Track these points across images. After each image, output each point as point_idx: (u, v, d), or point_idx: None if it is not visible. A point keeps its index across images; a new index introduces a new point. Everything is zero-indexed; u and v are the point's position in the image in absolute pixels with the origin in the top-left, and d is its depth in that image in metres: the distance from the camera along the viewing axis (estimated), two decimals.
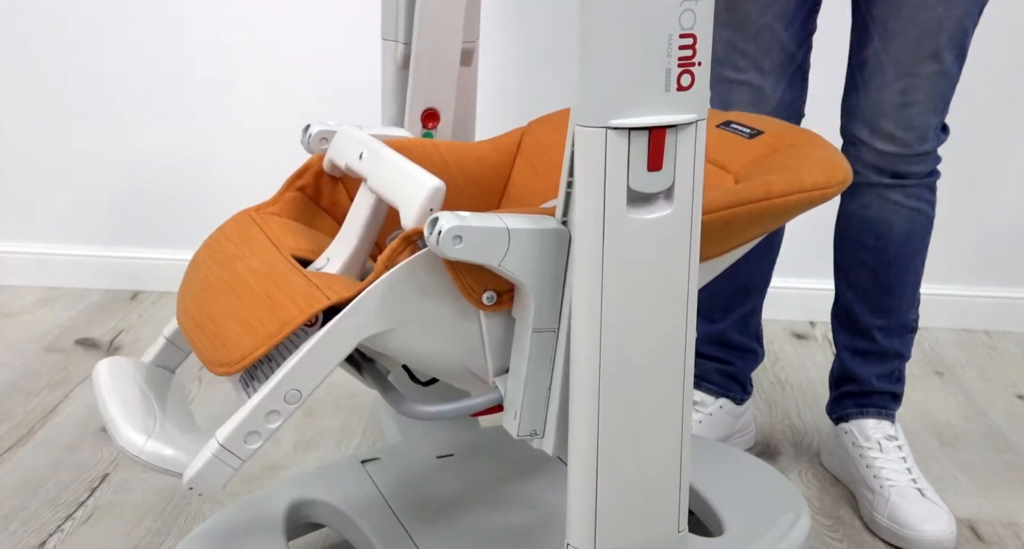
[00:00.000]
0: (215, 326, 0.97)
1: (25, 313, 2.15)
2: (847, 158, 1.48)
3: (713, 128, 1.21)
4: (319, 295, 0.92)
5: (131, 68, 2.16)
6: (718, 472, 1.35)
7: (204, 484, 0.93)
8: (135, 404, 1.00)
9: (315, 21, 2.12)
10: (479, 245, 0.87)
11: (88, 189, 2.24)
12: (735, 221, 0.99)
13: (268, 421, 0.92)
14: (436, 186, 0.95)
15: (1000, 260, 2.21)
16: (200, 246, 1.09)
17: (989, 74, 2.03)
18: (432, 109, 1.28)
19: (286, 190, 1.15)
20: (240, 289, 0.98)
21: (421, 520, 1.22)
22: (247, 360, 0.92)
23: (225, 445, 0.92)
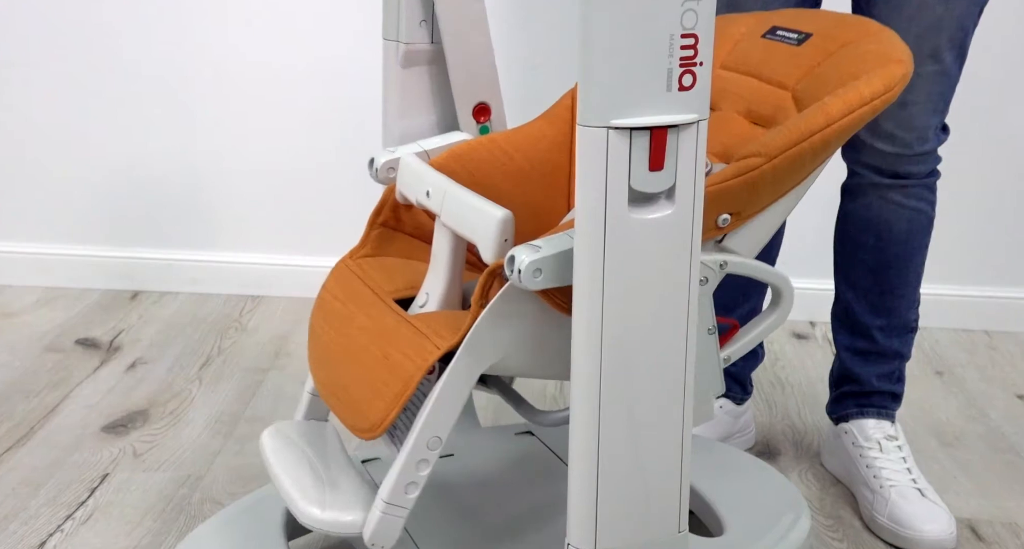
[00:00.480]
0: (348, 395, 1.06)
1: (25, 313, 2.15)
2: (847, 158, 1.48)
3: (760, 39, 1.19)
4: (429, 346, 0.99)
5: (131, 68, 2.16)
6: (718, 472, 1.35)
7: (382, 538, 1.02)
8: (302, 472, 1.10)
9: (315, 20, 2.12)
10: (558, 271, 0.91)
11: (88, 189, 2.24)
12: (802, 156, 0.99)
13: (419, 469, 1.00)
14: (503, 218, 0.99)
15: (1000, 260, 2.21)
16: (313, 308, 1.17)
17: (989, 74, 2.03)
18: (482, 103, 1.29)
19: (371, 229, 1.21)
20: (358, 353, 1.05)
21: (421, 520, 1.22)
22: (385, 424, 1.00)
23: (390, 501, 1.01)
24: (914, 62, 1.35)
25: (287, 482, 1.08)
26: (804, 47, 1.14)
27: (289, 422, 1.20)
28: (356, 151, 2.08)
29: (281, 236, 2.27)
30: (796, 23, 1.17)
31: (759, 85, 1.16)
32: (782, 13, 1.22)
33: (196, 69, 2.16)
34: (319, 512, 1.03)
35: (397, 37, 1.26)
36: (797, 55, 1.14)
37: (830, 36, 1.12)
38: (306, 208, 2.24)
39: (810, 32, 1.14)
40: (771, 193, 1.02)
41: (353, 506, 1.04)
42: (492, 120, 1.31)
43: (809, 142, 0.98)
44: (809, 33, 1.14)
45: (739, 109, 1.17)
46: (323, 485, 1.07)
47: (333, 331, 1.11)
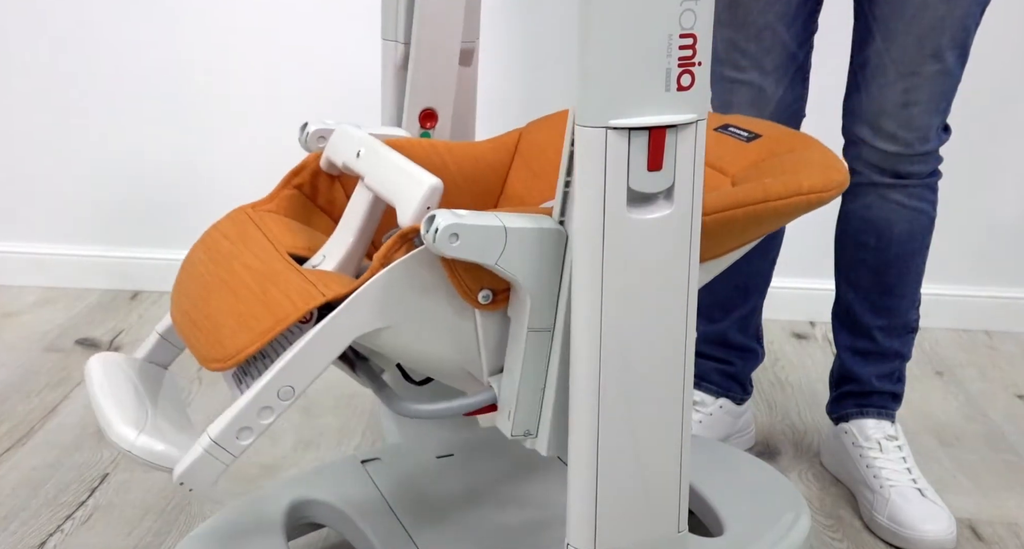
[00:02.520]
0: (210, 322, 0.97)
1: (25, 313, 2.15)
2: (849, 158, 1.48)
3: (712, 131, 1.21)
4: (314, 292, 0.92)
5: (131, 68, 2.16)
6: (718, 472, 1.35)
7: (195, 480, 0.92)
8: (127, 400, 1.00)
9: (315, 20, 2.12)
10: (476, 243, 0.87)
11: (88, 189, 2.24)
12: (733, 223, 0.99)
13: (261, 417, 0.91)
14: (434, 184, 0.95)
15: (1000, 260, 2.21)
16: (195, 243, 1.09)
17: (990, 74, 2.02)
18: (430, 109, 1.28)
19: (283, 188, 1.16)
20: (236, 286, 0.98)
21: (421, 520, 1.22)
22: (241, 355, 0.91)
23: (217, 441, 0.91)
24: (916, 62, 1.37)
25: (108, 402, 0.99)
26: (752, 144, 1.16)
27: (126, 355, 1.11)
28: None
29: None
30: (748, 125, 1.21)
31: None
32: (736, 117, 1.24)
33: (196, 69, 2.16)
34: (133, 435, 0.94)
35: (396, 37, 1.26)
36: (744, 149, 1.16)
37: (778, 140, 1.16)
38: None
39: (760, 134, 1.18)
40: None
41: (174, 440, 0.95)
42: (436, 129, 1.30)
43: (743, 211, 0.99)
44: (759, 134, 1.18)
45: None
46: (147, 414, 0.98)
47: (213, 263, 1.03)
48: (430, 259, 0.92)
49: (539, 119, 1.28)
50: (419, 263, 0.92)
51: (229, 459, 0.92)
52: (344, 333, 0.92)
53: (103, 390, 1.01)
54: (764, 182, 1.01)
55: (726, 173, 1.14)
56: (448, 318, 0.95)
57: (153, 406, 1.01)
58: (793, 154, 1.12)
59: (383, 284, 0.91)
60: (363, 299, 0.91)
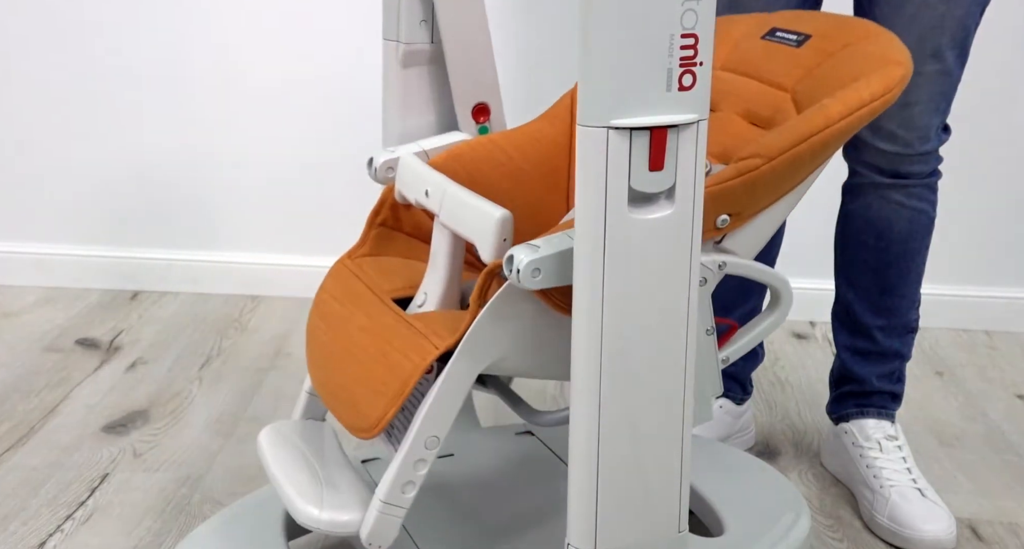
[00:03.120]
0: (346, 393, 1.05)
1: (25, 313, 2.15)
2: (849, 158, 1.48)
3: (759, 40, 1.19)
4: (428, 346, 0.99)
5: (131, 68, 2.16)
6: (718, 472, 1.35)
7: (380, 538, 1.02)
8: (299, 472, 1.10)
9: (315, 21, 2.12)
10: (557, 270, 0.91)
11: (88, 189, 2.24)
12: (801, 157, 0.99)
13: (417, 469, 1.00)
14: (502, 217, 0.99)
15: (1000, 260, 2.21)
16: (311, 309, 1.16)
17: (990, 74, 2.02)
18: (481, 103, 1.29)
19: (369, 228, 1.20)
20: (357, 353, 1.05)
21: (421, 520, 1.22)
22: (383, 423, 0.99)
23: (387, 501, 1.01)
24: (916, 62, 1.36)
25: (285, 481, 1.08)
26: (803, 49, 1.14)
27: (287, 421, 1.20)
28: (356, 151, 2.09)
29: (281, 236, 2.27)
30: (795, 25, 1.17)
31: (758, 86, 1.16)
32: (782, 14, 1.22)
33: (196, 69, 2.16)
34: (317, 512, 1.03)
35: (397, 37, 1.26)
36: (796, 56, 1.14)
37: (829, 37, 1.12)
38: (306, 208, 2.24)
39: (809, 33, 1.15)
40: (770, 194, 1.01)
41: (351, 506, 1.04)
42: (491, 120, 1.31)
43: (808, 144, 0.98)
44: (808, 34, 1.15)
45: (738, 110, 1.17)
46: (320, 484, 1.07)
47: (331, 331, 1.11)
48: (520, 289, 0.94)
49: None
50: (512, 296, 0.96)
51: (401, 513, 1.02)
52: (465, 377, 0.99)
53: (278, 468, 1.11)
54: (823, 105, 1.00)
55: (784, 88, 1.12)
56: (552, 334, 0.99)
57: (322, 468, 1.11)
58: (848, 50, 1.09)
59: (486, 323, 0.97)
60: (472, 343, 0.97)
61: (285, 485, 1.08)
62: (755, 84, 1.16)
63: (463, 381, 0.99)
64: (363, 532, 1.01)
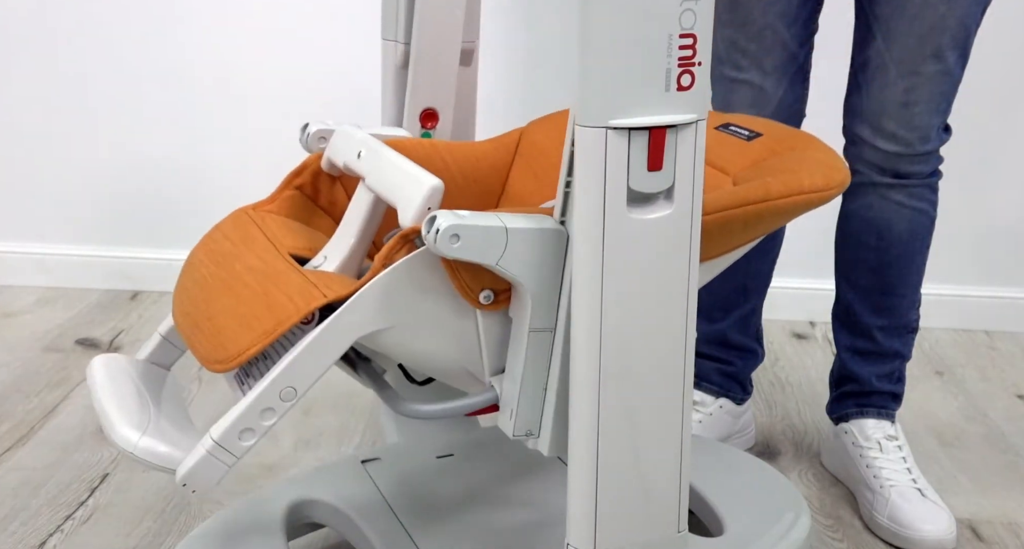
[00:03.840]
0: (212, 324, 0.97)
1: (25, 313, 2.15)
2: (850, 158, 1.48)
3: (712, 130, 1.21)
4: (316, 293, 0.92)
5: (131, 68, 2.16)
6: (718, 472, 1.35)
7: (198, 481, 0.92)
8: (130, 401, 1.00)
9: (314, 21, 2.12)
10: (477, 244, 0.88)
11: (88, 189, 2.24)
12: (733, 222, 0.99)
13: (263, 418, 0.92)
14: (435, 185, 0.95)
15: (1000, 260, 2.21)
16: (197, 244, 1.09)
17: (990, 74, 2.02)
18: (431, 109, 1.28)
19: (284, 188, 1.16)
20: (237, 287, 0.98)
21: (421, 520, 1.22)
22: (243, 356, 0.92)
23: (219, 442, 0.92)
24: (917, 62, 1.37)
25: (109, 402, 0.99)
26: (753, 143, 1.17)
27: (128, 356, 1.11)
28: None
29: None
30: (750, 124, 1.21)
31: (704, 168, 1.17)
32: (737, 115, 1.25)
33: (196, 69, 2.16)
34: (136, 436, 0.94)
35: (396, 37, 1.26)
36: (745, 148, 1.16)
37: (779, 139, 1.16)
38: None
39: (761, 132, 1.18)
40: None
41: (177, 441, 0.95)
42: (437, 130, 1.30)
43: (743, 210, 0.99)
44: (760, 133, 1.18)
45: None
46: (149, 416, 0.99)
47: (214, 265, 1.04)
48: (431, 260, 0.92)
49: (540, 118, 1.28)
50: (420, 264, 0.92)
51: (231, 460, 0.92)
52: (345, 334, 0.92)
53: (105, 391, 1.01)
54: (765, 181, 1.01)
55: (727, 172, 1.14)
56: (449, 318, 0.95)
57: (156, 407, 1.01)
58: (794, 152, 1.13)
59: (384, 285, 0.92)
60: (364, 300, 0.92)
61: (108, 405, 0.98)
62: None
63: (341, 338, 0.92)
64: (181, 469, 0.92)
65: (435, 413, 0.99)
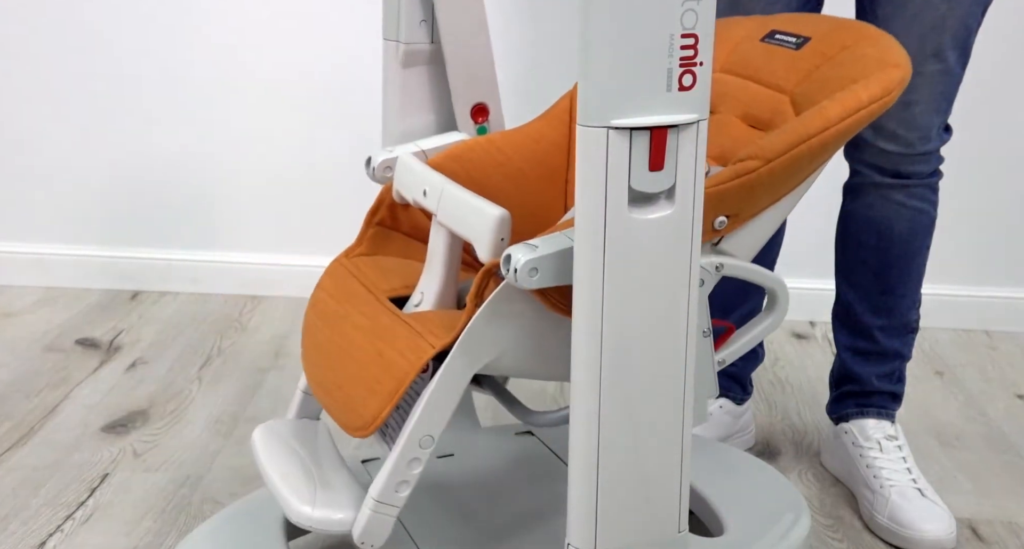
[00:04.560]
0: (341, 393, 1.05)
1: (25, 313, 2.15)
2: (849, 158, 1.48)
3: (759, 43, 1.19)
4: (424, 345, 0.98)
5: (131, 68, 2.16)
6: (718, 472, 1.35)
7: (372, 537, 1.02)
8: (293, 471, 1.10)
9: (315, 20, 2.12)
10: (554, 270, 0.91)
11: (88, 189, 2.24)
12: (800, 159, 0.99)
13: (411, 468, 1.00)
14: (500, 217, 0.99)
15: (1000, 260, 2.21)
16: (307, 306, 1.16)
17: (991, 74, 2.02)
18: (480, 104, 1.29)
19: (367, 228, 1.20)
20: (353, 351, 1.05)
21: (421, 520, 1.22)
22: (378, 421, 0.99)
23: (380, 500, 1.00)
24: (917, 62, 1.37)
25: (278, 480, 1.08)
26: (803, 51, 1.14)
27: (281, 420, 1.20)
28: (356, 151, 2.08)
29: (281, 236, 2.27)
30: (795, 27, 1.18)
31: (757, 89, 1.16)
32: (781, 17, 1.22)
33: (196, 69, 2.16)
34: (310, 510, 1.03)
35: (397, 37, 1.26)
36: (796, 59, 1.14)
37: (828, 40, 1.12)
38: (306, 208, 2.24)
39: (809, 36, 1.15)
40: (768, 196, 1.01)
41: (344, 504, 1.04)
42: (490, 121, 1.31)
43: (807, 145, 0.98)
44: (808, 37, 1.15)
45: (737, 112, 1.17)
46: (314, 483, 1.07)
47: (328, 329, 1.11)
48: (517, 289, 0.94)
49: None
50: (508, 295, 0.96)
51: (395, 512, 1.01)
52: (461, 376, 0.98)
53: (273, 467, 1.11)
54: (822, 106, 1.00)
55: (783, 90, 1.12)
56: (548, 332, 0.99)
57: (317, 468, 1.10)
58: (847, 53, 1.09)
59: (483, 322, 0.97)
60: (468, 342, 0.97)
61: (279, 483, 1.08)
62: (754, 86, 1.16)
63: (459, 380, 0.98)
64: (356, 531, 1.01)
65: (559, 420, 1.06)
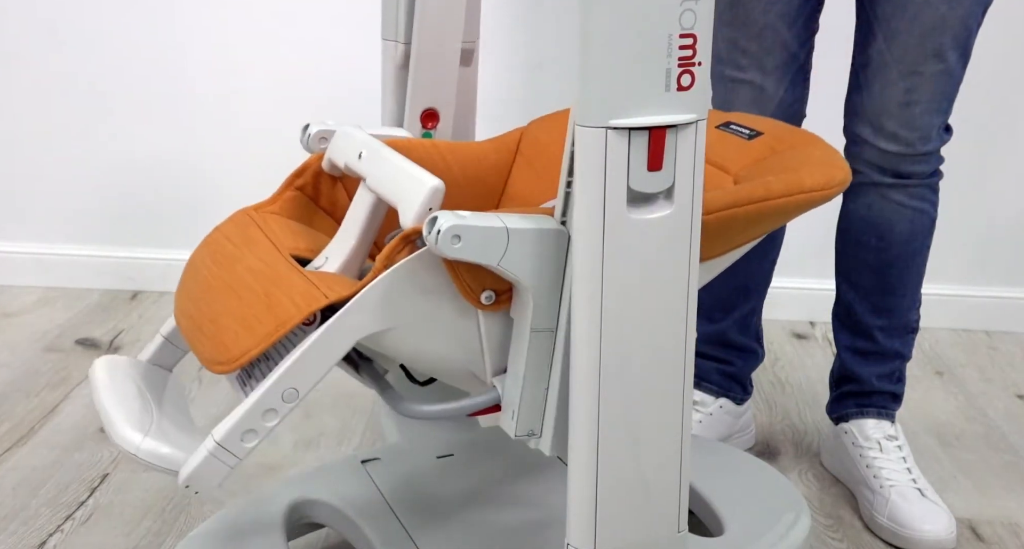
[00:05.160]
0: (214, 326, 0.98)
1: (25, 313, 2.15)
2: (850, 158, 1.48)
3: (713, 129, 1.21)
4: (317, 294, 0.92)
5: (131, 69, 2.16)
6: (718, 472, 1.35)
7: (200, 482, 0.93)
8: (132, 402, 1.00)
9: (314, 21, 2.12)
10: (478, 244, 0.87)
11: (88, 189, 2.24)
12: (734, 222, 0.99)
13: (265, 419, 0.92)
14: (435, 185, 0.95)
15: (1000, 260, 2.21)
16: (198, 245, 1.09)
17: (991, 74, 2.02)
18: (432, 109, 1.28)
19: (285, 189, 1.16)
20: (239, 289, 0.98)
21: (421, 520, 1.22)
22: (245, 358, 0.92)
23: (222, 443, 0.92)
24: (917, 62, 1.37)
25: (112, 404, 0.99)
26: (753, 142, 1.17)
27: (130, 358, 1.11)
28: None
29: None
30: (750, 123, 1.21)
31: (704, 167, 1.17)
32: (738, 115, 1.25)
33: (196, 69, 2.16)
34: (139, 438, 0.94)
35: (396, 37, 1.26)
36: (746, 147, 1.16)
37: (779, 138, 1.16)
38: None
39: (761, 131, 1.18)
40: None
41: (179, 443, 0.95)
42: (438, 130, 1.30)
43: (744, 209, 0.99)
44: (760, 132, 1.18)
45: None
46: (152, 417, 0.99)
47: (216, 266, 1.04)
48: (433, 260, 0.92)
49: (541, 118, 1.28)
50: (422, 264, 0.92)
51: (234, 461, 0.93)
52: (347, 335, 0.92)
53: (108, 393, 1.01)
54: (766, 180, 1.01)
55: (728, 171, 1.14)
56: (451, 319, 0.95)
57: (158, 408, 1.01)
58: (795, 151, 1.13)
59: (386, 286, 0.92)
60: (366, 301, 0.92)
61: (111, 406, 0.99)
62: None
63: (343, 339, 0.92)
64: (184, 470, 0.93)
65: (437, 413, 0.98)
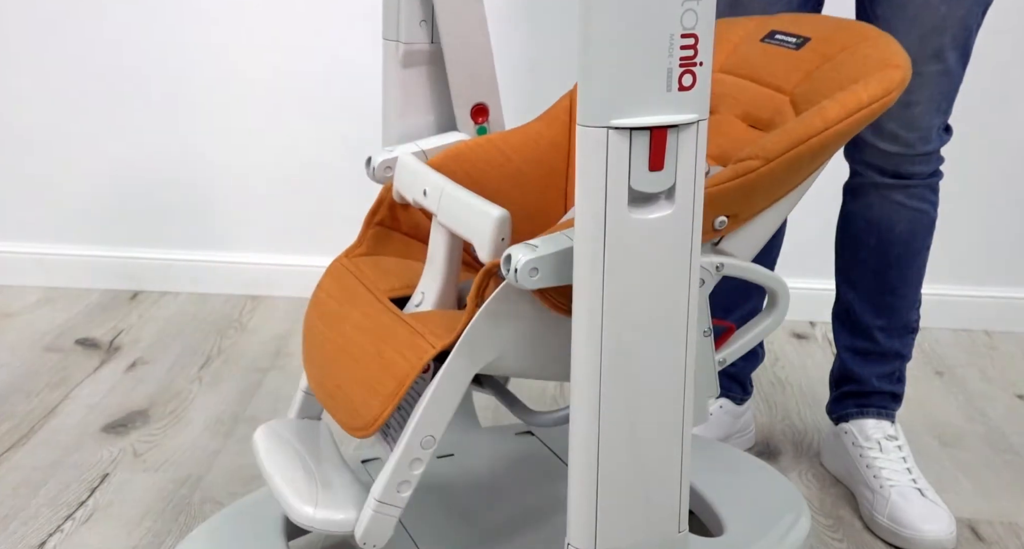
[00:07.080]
0: (341, 393, 1.05)
1: (25, 313, 2.15)
2: (850, 158, 1.48)
3: (759, 43, 1.19)
4: (424, 345, 0.99)
5: (131, 68, 2.16)
6: (718, 472, 1.35)
7: (374, 537, 1.02)
8: (296, 472, 1.10)
9: (315, 20, 2.12)
10: (555, 270, 0.91)
11: (88, 189, 2.24)
12: (799, 160, 0.99)
13: (412, 468, 1.00)
14: (500, 217, 0.99)
15: (1000, 260, 2.21)
16: (308, 307, 1.17)
17: (991, 75, 2.02)
18: (480, 104, 1.29)
19: (367, 228, 1.21)
20: (353, 351, 1.05)
21: (421, 520, 1.22)
22: (379, 422, 0.99)
23: (382, 500, 1.00)
24: (917, 62, 1.36)
25: (280, 481, 1.08)
26: (802, 51, 1.14)
27: (282, 420, 1.20)
28: (356, 151, 2.09)
29: (281, 236, 2.27)
30: (795, 27, 1.18)
31: (757, 89, 1.16)
32: (781, 18, 1.22)
33: (196, 69, 2.16)
34: (312, 511, 1.03)
35: (397, 37, 1.26)
36: (795, 59, 1.14)
37: (828, 40, 1.12)
38: (306, 208, 2.24)
39: (808, 36, 1.15)
40: (768, 196, 1.01)
41: (345, 505, 1.04)
42: (490, 121, 1.31)
43: (807, 145, 0.98)
44: (807, 37, 1.15)
45: (737, 113, 1.17)
46: (316, 483, 1.07)
47: (328, 329, 1.11)
48: (518, 289, 0.94)
49: None
50: (509, 295, 0.96)
51: (397, 512, 1.01)
52: (460, 377, 0.99)
53: (274, 467, 1.11)
54: (822, 107, 0.99)
55: (783, 91, 1.12)
56: (548, 332, 0.99)
57: (317, 468, 1.11)
58: (847, 53, 1.08)
59: (483, 322, 0.97)
60: (469, 341, 0.97)
61: (280, 484, 1.08)
62: (754, 87, 1.16)
63: (460, 380, 0.98)
64: (358, 531, 1.01)
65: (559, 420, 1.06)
